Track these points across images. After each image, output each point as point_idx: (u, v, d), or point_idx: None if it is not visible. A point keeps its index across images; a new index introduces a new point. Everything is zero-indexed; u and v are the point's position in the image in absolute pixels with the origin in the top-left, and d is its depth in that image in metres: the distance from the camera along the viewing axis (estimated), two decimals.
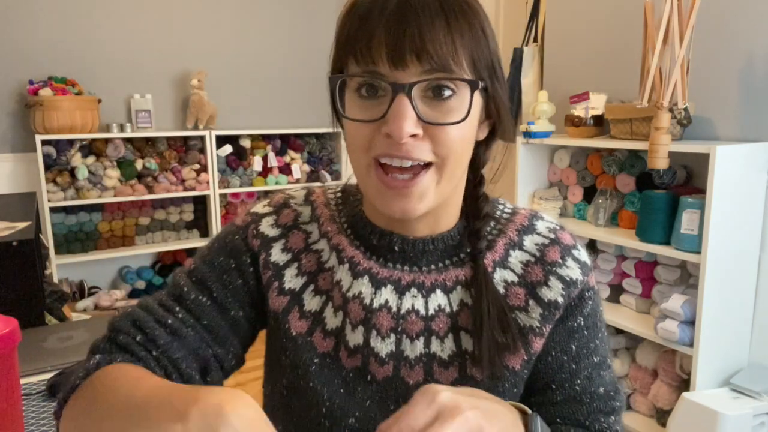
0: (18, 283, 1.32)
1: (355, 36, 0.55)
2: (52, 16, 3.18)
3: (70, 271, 3.34)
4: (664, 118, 1.81)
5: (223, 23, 3.64)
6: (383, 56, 0.53)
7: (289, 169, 3.81)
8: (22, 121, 3.15)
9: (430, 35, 0.52)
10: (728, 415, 1.70)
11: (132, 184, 3.30)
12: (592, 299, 0.68)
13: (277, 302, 0.67)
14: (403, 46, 0.52)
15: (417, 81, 0.54)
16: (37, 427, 0.89)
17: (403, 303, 0.64)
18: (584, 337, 0.67)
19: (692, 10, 1.76)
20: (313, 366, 0.65)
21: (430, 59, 0.53)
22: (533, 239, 0.67)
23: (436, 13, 0.53)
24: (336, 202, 0.71)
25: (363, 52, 0.54)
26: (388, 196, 0.57)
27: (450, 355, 0.64)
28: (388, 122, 0.54)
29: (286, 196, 0.73)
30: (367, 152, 0.57)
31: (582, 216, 2.42)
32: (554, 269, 0.65)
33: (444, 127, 0.55)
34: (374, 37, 0.53)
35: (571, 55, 2.59)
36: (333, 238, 0.68)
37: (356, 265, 0.65)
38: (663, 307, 1.90)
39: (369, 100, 0.56)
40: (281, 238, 0.68)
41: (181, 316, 0.65)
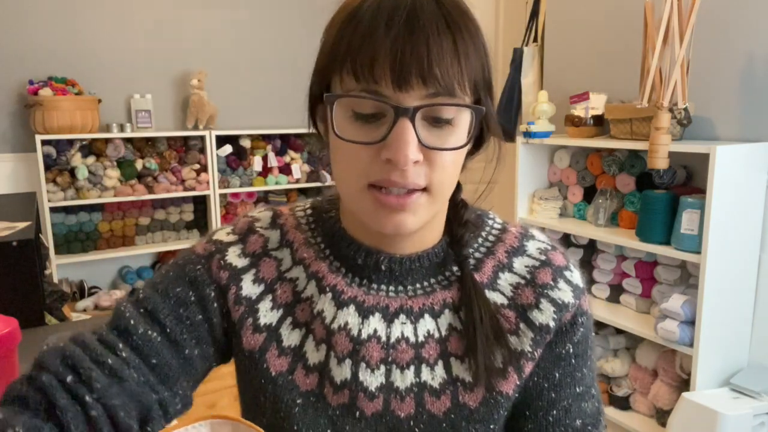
0: (18, 283, 1.32)
1: (358, 50, 0.51)
2: (52, 16, 3.18)
3: (70, 271, 3.34)
4: (664, 118, 1.81)
5: (223, 23, 3.64)
6: (387, 77, 0.50)
7: (289, 169, 3.81)
8: (22, 121, 3.15)
9: (437, 57, 0.49)
10: (728, 415, 1.70)
11: (132, 184, 3.31)
12: (584, 325, 0.64)
13: (253, 340, 0.61)
14: (410, 68, 0.49)
15: (421, 105, 0.51)
16: None
17: (393, 331, 0.60)
18: (570, 365, 0.63)
19: (692, 10, 1.76)
20: (296, 407, 0.60)
21: (437, 83, 0.50)
22: (523, 261, 0.64)
23: (443, 32, 0.50)
24: (308, 222, 0.66)
25: (365, 71, 0.50)
26: (382, 214, 0.54)
27: (441, 384, 0.60)
28: (390, 147, 0.51)
29: (251, 221, 0.67)
30: (363, 176, 0.54)
31: (582, 216, 2.42)
32: (545, 291, 0.62)
33: (441, 152, 0.53)
34: (379, 55, 0.50)
35: (571, 55, 2.59)
36: (311, 265, 0.63)
37: (340, 294, 0.61)
38: (663, 307, 1.90)
39: (365, 121, 0.52)
40: (251, 267, 0.63)
41: (124, 355, 0.55)
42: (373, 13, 0.51)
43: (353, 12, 0.52)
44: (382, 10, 0.51)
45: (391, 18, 0.50)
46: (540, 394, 0.63)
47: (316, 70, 0.58)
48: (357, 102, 0.52)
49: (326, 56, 0.55)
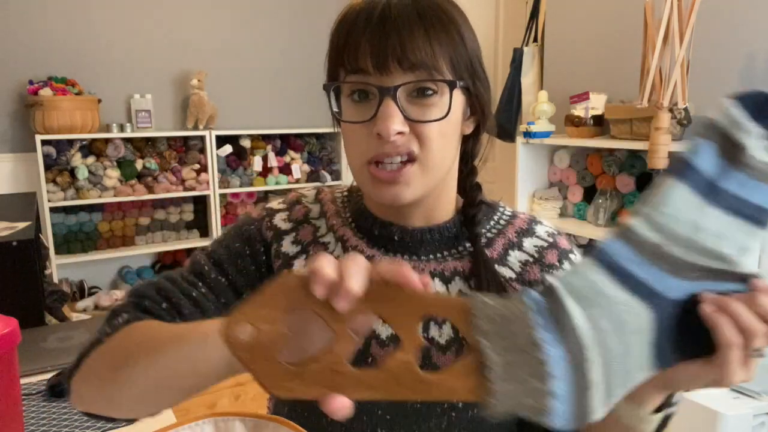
0: (18, 283, 1.32)
1: (344, 47, 0.61)
2: (52, 16, 3.18)
3: (70, 271, 3.34)
4: (664, 118, 1.81)
5: (223, 23, 3.64)
6: (369, 63, 0.59)
7: (289, 169, 3.81)
8: (22, 121, 3.15)
9: (410, 43, 0.58)
10: (728, 415, 1.70)
11: (132, 184, 3.31)
12: None
13: None
14: (386, 54, 0.58)
15: (400, 84, 0.59)
16: (37, 427, 0.89)
17: None
18: None
19: (692, 10, 1.76)
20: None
21: (410, 63, 0.58)
22: (532, 242, 0.71)
23: (414, 23, 0.59)
24: (342, 200, 0.77)
25: (351, 62, 0.60)
26: (379, 187, 0.63)
27: (447, 341, 0.66)
28: (377, 123, 0.59)
29: (299, 195, 0.79)
30: (362, 154, 0.62)
31: (582, 216, 2.42)
32: (551, 271, 0.69)
33: (427, 124, 0.60)
34: (360, 46, 0.59)
35: (571, 55, 2.59)
36: (338, 230, 0.73)
37: (361, 252, 0.69)
38: None
39: (361, 103, 0.62)
40: (292, 231, 0.73)
41: (203, 291, 0.69)
42: (355, 15, 0.61)
43: (342, 17, 0.64)
44: (363, 11, 0.61)
45: (370, 16, 0.60)
46: None
47: (326, 71, 0.66)
48: (352, 90, 0.62)
49: (328, 58, 0.65)
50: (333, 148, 3.99)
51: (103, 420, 0.63)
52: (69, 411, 0.94)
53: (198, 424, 0.51)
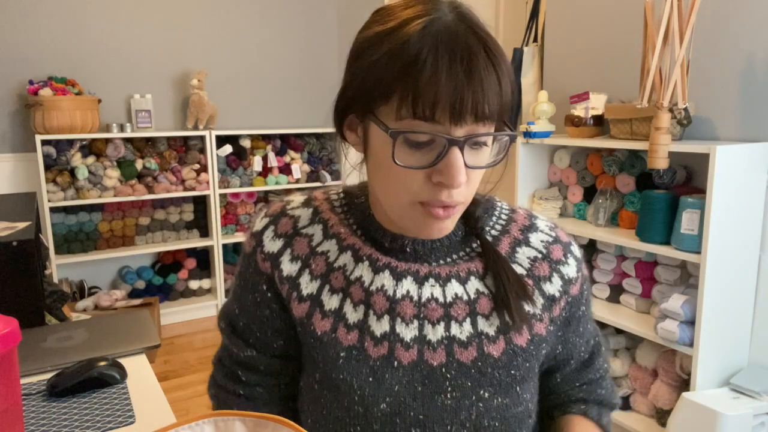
0: (18, 283, 1.32)
1: (421, 91, 0.56)
2: (52, 16, 3.18)
3: (70, 271, 3.34)
4: (664, 118, 1.81)
5: (223, 23, 3.64)
6: (446, 115, 0.57)
7: (289, 169, 3.81)
8: (22, 121, 3.15)
9: (488, 98, 0.57)
10: (728, 415, 1.70)
11: (132, 184, 3.31)
12: (588, 288, 0.78)
13: (300, 309, 0.72)
14: (467, 110, 0.56)
15: (470, 137, 0.58)
16: (37, 427, 0.89)
17: (423, 292, 0.69)
18: (585, 316, 0.78)
19: (692, 10, 1.76)
20: (341, 360, 0.69)
21: (484, 116, 0.58)
22: (538, 237, 0.74)
23: (491, 72, 0.57)
24: (341, 205, 0.76)
25: (427, 111, 0.56)
26: (427, 224, 0.63)
27: (468, 336, 0.68)
28: (443, 173, 0.59)
29: (283, 204, 0.77)
30: (413, 195, 0.61)
31: (582, 216, 2.42)
32: (558, 267, 0.72)
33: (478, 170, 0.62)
34: (441, 99, 0.56)
35: (571, 55, 2.59)
36: (346, 239, 0.72)
37: (376, 261, 0.70)
38: (663, 307, 1.90)
39: (418, 148, 0.59)
40: (286, 248, 0.73)
41: (245, 379, 0.78)
42: (434, 57, 0.56)
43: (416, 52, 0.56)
44: (442, 54, 0.56)
45: (452, 64, 0.56)
46: (575, 346, 0.78)
47: (361, 92, 0.62)
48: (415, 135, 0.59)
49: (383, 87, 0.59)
50: (333, 148, 3.98)
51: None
52: (69, 411, 0.94)
53: (198, 424, 0.51)
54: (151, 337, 1.20)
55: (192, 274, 3.71)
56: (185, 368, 3.01)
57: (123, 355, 1.12)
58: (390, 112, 0.59)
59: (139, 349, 1.16)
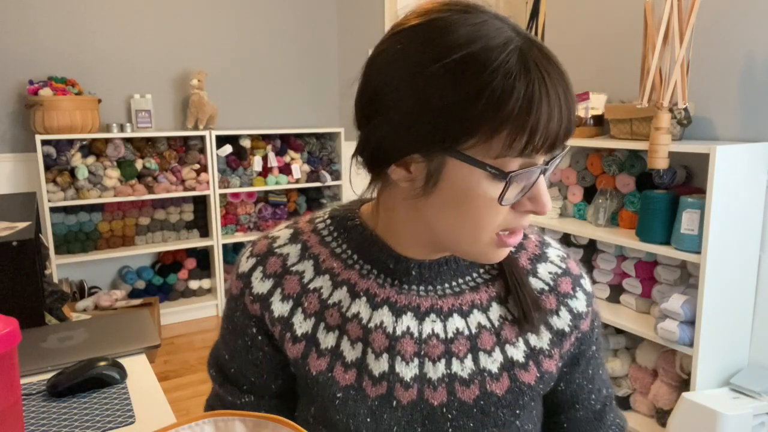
0: (18, 283, 1.32)
1: (537, 132, 0.52)
2: (52, 16, 3.18)
3: (70, 271, 3.34)
4: (664, 118, 1.81)
5: (223, 23, 3.64)
6: (556, 149, 0.55)
7: (289, 169, 3.81)
8: (22, 121, 3.15)
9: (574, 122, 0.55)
10: (728, 415, 1.70)
11: (132, 184, 3.31)
12: (598, 325, 0.74)
13: (294, 350, 0.68)
14: (564, 141, 0.55)
15: (551, 159, 0.57)
16: (37, 427, 0.89)
17: (424, 328, 0.66)
18: (595, 358, 0.75)
19: (692, 10, 1.76)
20: (337, 401, 0.66)
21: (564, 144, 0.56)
22: (547, 268, 0.70)
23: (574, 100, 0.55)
24: (330, 233, 0.70)
25: (543, 143, 0.53)
26: (498, 253, 0.61)
27: (470, 374, 0.66)
28: (534, 201, 0.57)
29: (269, 241, 0.71)
30: (497, 227, 0.58)
31: (582, 216, 2.42)
32: (566, 300, 0.69)
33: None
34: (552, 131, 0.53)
35: (571, 55, 2.59)
36: (340, 274, 0.68)
37: (374, 297, 0.66)
38: (663, 307, 1.90)
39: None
40: (276, 288, 0.68)
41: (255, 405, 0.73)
42: (546, 92, 0.51)
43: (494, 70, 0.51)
44: (552, 89, 0.52)
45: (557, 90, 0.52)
46: (582, 389, 0.75)
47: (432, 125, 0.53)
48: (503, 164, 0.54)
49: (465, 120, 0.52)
50: (333, 148, 3.99)
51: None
52: (69, 411, 0.94)
53: (198, 424, 0.51)
54: (151, 337, 1.20)
55: (192, 274, 3.71)
56: (185, 368, 3.01)
57: (123, 355, 1.12)
58: (485, 147, 0.53)
59: (139, 349, 1.16)
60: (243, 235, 3.74)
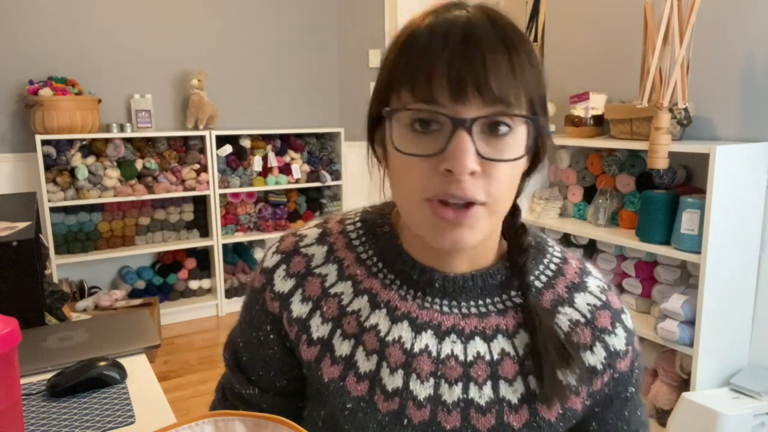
0: (18, 283, 1.32)
1: (415, 69, 0.53)
2: (53, 16, 3.18)
3: (70, 271, 3.34)
4: (664, 118, 1.81)
5: (223, 23, 3.64)
6: (444, 90, 0.52)
7: (289, 169, 3.81)
8: (22, 121, 3.15)
9: (493, 70, 0.51)
10: (728, 415, 1.70)
11: (132, 184, 3.31)
12: (639, 366, 0.69)
13: (309, 353, 0.66)
14: (466, 81, 0.51)
15: (479, 116, 0.52)
16: (37, 427, 0.89)
17: (443, 348, 0.63)
18: (634, 400, 0.69)
19: (692, 10, 1.76)
20: (346, 411, 0.64)
21: (492, 94, 0.52)
22: (585, 298, 0.65)
23: (498, 49, 0.52)
24: (358, 237, 0.69)
25: (423, 85, 0.52)
26: (441, 229, 0.56)
27: (488, 402, 0.62)
28: (449, 158, 0.53)
29: (296, 239, 0.70)
30: (421, 190, 0.55)
31: (582, 216, 2.42)
32: (603, 336, 0.64)
33: (498, 164, 0.54)
34: (435, 70, 0.52)
35: (571, 55, 2.59)
36: (362, 282, 0.66)
37: (394, 310, 0.64)
38: (663, 307, 1.90)
39: (423, 135, 0.54)
40: (297, 288, 0.67)
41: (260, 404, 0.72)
42: (429, 33, 0.53)
43: (410, 34, 0.55)
44: (438, 29, 0.53)
45: (447, 35, 0.52)
46: (615, 429, 0.68)
47: (375, 91, 0.59)
48: (415, 116, 0.54)
49: (386, 77, 0.57)
50: (333, 148, 3.98)
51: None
52: (69, 411, 0.94)
53: (198, 424, 0.51)
54: (151, 337, 1.20)
55: (192, 274, 3.71)
56: (185, 368, 3.01)
57: (123, 355, 1.12)
58: (396, 102, 0.56)
59: (139, 349, 1.16)
60: (243, 235, 3.74)
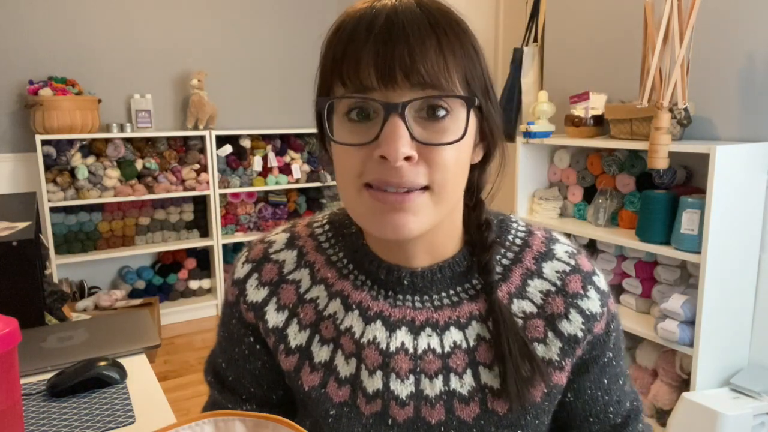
0: (18, 283, 1.32)
1: (342, 57, 0.52)
2: (52, 16, 3.18)
3: (70, 271, 3.34)
4: (664, 118, 1.81)
5: (223, 23, 3.64)
6: (372, 76, 0.51)
7: (289, 169, 3.81)
8: (22, 121, 3.15)
9: (420, 53, 0.50)
10: (728, 415, 1.70)
11: (132, 184, 3.31)
12: (616, 328, 0.66)
13: (288, 362, 0.65)
14: (393, 65, 0.50)
15: (410, 100, 0.51)
16: (37, 427, 0.89)
17: (419, 343, 0.62)
18: (612, 366, 0.67)
19: (692, 10, 1.76)
20: (330, 418, 0.63)
21: (421, 77, 0.50)
22: (553, 266, 0.64)
23: (425, 31, 0.51)
24: (327, 239, 0.68)
25: (351, 74, 0.52)
26: (380, 213, 0.54)
27: (470, 391, 0.61)
28: (381, 144, 0.51)
29: (265, 246, 0.68)
30: (359, 177, 0.54)
31: (582, 216, 2.42)
32: (575, 301, 0.62)
33: (439, 148, 0.52)
34: (362, 58, 0.51)
35: (571, 55, 2.59)
36: (334, 284, 0.65)
37: (366, 310, 0.63)
38: (663, 307, 1.90)
39: (359, 123, 0.53)
40: (271, 297, 0.65)
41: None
42: (355, 23, 0.53)
43: (339, 24, 0.55)
44: (363, 19, 0.53)
45: (372, 23, 0.52)
46: (596, 401, 0.67)
47: (317, 87, 0.59)
48: (350, 107, 0.53)
49: (320, 71, 0.57)
50: None
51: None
52: (69, 411, 0.94)
53: (198, 424, 0.51)
54: (151, 337, 1.20)
55: (192, 274, 3.71)
56: (185, 368, 3.01)
57: (123, 355, 1.12)
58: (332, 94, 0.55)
59: (139, 349, 1.16)
60: (243, 235, 3.74)
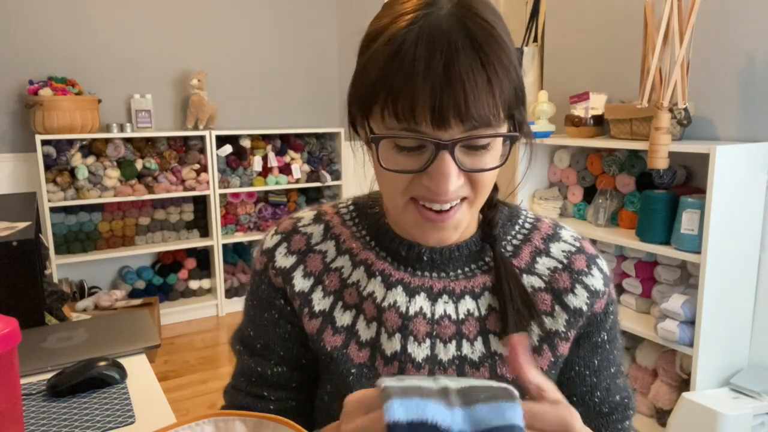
0: (18, 283, 1.32)
1: (399, 94, 0.53)
2: (52, 16, 3.18)
3: (70, 271, 3.34)
4: (664, 118, 1.81)
5: (223, 23, 3.64)
6: (427, 118, 0.53)
7: (289, 169, 3.81)
8: (22, 121, 3.15)
9: (473, 98, 0.52)
10: (728, 415, 1.70)
11: (132, 184, 3.31)
12: (614, 312, 0.71)
13: (311, 325, 0.69)
14: (448, 111, 0.52)
15: (459, 139, 0.54)
16: (37, 427, 0.89)
17: (436, 309, 0.66)
18: (605, 350, 0.70)
19: (692, 10, 1.76)
20: (351, 377, 0.67)
21: (473, 120, 0.53)
22: (560, 246, 0.69)
23: (478, 72, 0.52)
24: (352, 218, 0.73)
25: (406, 114, 0.53)
26: (425, 228, 0.60)
27: (480, 357, 0.66)
28: (432, 178, 0.55)
29: (294, 221, 0.73)
30: (405, 193, 0.58)
31: (582, 216, 2.42)
32: (580, 277, 0.67)
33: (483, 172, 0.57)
34: (419, 100, 0.52)
35: (571, 55, 2.59)
36: (359, 254, 0.70)
37: (388, 277, 0.68)
38: (663, 307, 1.90)
39: (408, 153, 0.56)
40: (299, 264, 0.70)
41: (274, 398, 0.71)
42: (412, 56, 0.52)
43: (396, 50, 0.53)
44: (421, 53, 0.52)
45: (429, 62, 0.52)
46: (583, 381, 0.70)
47: (356, 94, 0.59)
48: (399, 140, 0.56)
49: (368, 88, 0.56)
50: (333, 148, 3.99)
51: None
52: (69, 411, 0.94)
53: (198, 424, 0.51)
54: (151, 337, 1.20)
55: (192, 274, 3.71)
56: (185, 368, 3.01)
57: (123, 355, 1.12)
58: (378, 118, 0.56)
59: (139, 349, 1.16)
60: (243, 235, 3.74)
